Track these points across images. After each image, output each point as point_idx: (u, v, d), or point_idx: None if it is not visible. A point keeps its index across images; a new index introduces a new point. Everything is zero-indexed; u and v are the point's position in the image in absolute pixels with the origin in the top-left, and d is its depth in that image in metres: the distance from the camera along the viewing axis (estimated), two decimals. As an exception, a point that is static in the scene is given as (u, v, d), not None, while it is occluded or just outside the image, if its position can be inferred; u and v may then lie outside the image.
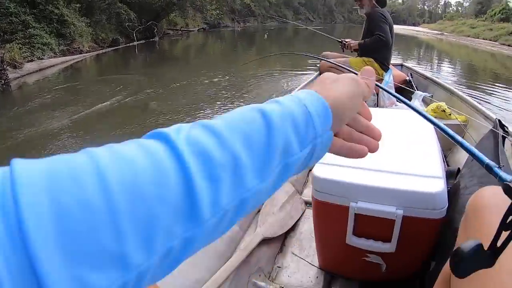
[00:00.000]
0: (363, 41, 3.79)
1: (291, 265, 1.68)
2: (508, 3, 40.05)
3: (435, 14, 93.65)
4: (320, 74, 3.54)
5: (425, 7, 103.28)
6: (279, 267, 1.69)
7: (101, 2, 17.20)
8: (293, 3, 55.88)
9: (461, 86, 8.75)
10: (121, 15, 18.47)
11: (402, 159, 1.29)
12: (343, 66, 1.13)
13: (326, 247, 1.46)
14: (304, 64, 10.33)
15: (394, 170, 1.21)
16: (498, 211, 0.60)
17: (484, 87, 9.16)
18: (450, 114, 2.78)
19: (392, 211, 1.13)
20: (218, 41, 24.01)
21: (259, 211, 1.83)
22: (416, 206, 1.13)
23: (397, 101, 2.39)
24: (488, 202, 0.73)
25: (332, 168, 1.26)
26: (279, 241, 1.81)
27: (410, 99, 3.19)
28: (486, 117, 2.45)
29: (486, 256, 0.40)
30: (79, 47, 14.08)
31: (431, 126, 1.31)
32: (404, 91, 3.50)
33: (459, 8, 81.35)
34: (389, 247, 1.20)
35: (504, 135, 1.65)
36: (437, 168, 1.22)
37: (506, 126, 1.77)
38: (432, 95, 3.55)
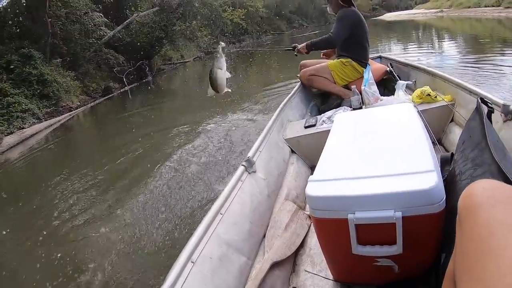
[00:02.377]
0: (310, 41, 3.85)
1: (306, 283, 1.66)
2: None
3: None
4: (302, 84, 3.91)
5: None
6: (295, 287, 1.67)
7: (85, 51, 16.16)
8: (284, 13, 55.06)
9: (468, 64, 8.44)
10: (109, 61, 17.39)
11: (392, 160, 1.29)
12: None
13: (335, 260, 1.43)
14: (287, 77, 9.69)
15: (386, 173, 1.21)
16: (490, 209, 0.64)
17: (493, 59, 8.59)
18: (436, 97, 2.77)
19: (390, 215, 1.12)
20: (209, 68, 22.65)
21: (264, 236, 1.80)
22: (413, 205, 1.12)
23: (381, 95, 3.00)
24: (478, 200, 0.68)
25: (324, 184, 1.28)
26: (290, 262, 1.76)
27: (394, 90, 3.24)
28: (471, 92, 2.41)
29: None
30: (67, 104, 12.94)
31: (417, 116, 1.65)
32: (387, 82, 3.79)
33: None
34: (395, 250, 1.17)
35: (490, 110, 1.56)
36: (428, 161, 1.21)
37: (489, 102, 1.62)
38: (415, 81, 3.61)
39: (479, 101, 1.61)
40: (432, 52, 11.74)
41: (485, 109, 1.56)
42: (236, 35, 39.67)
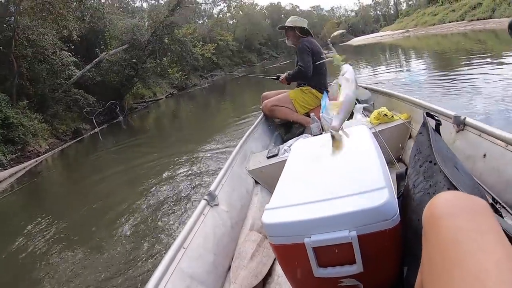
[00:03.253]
0: (287, 73, 3.96)
1: None
2: None
3: (389, 16, 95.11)
4: (264, 115, 3.96)
5: (378, 12, 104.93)
6: None
7: (54, 92, 15.59)
8: (254, 45, 55.82)
9: (436, 79, 8.85)
10: (79, 101, 16.84)
11: (345, 181, 1.31)
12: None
13: (300, 285, 1.38)
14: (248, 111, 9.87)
15: (339, 194, 1.22)
16: (453, 218, 0.66)
17: (459, 71, 8.99)
18: (392, 116, 2.81)
19: (346, 235, 1.12)
20: (186, 105, 22.50)
21: (229, 268, 1.80)
22: (367, 222, 1.12)
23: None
24: (442, 211, 0.70)
25: (280, 211, 1.28)
26: None
27: (352, 114, 3.25)
28: (423, 108, 2.50)
29: None
30: (34, 149, 12.33)
31: (370, 136, 1.68)
32: None
33: (410, 3, 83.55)
34: (356, 268, 1.17)
35: (437, 122, 1.65)
36: (379, 179, 1.24)
37: (435, 115, 1.71)
38: (373, 103, 3.71)
39: (425, 115, 1.66)
40: (400, 71, 12.14)
41: (433, 122, 1.63)
42: (207, 69, 39.74)
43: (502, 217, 1.21)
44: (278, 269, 1.88)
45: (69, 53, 16.65)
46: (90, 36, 21.64)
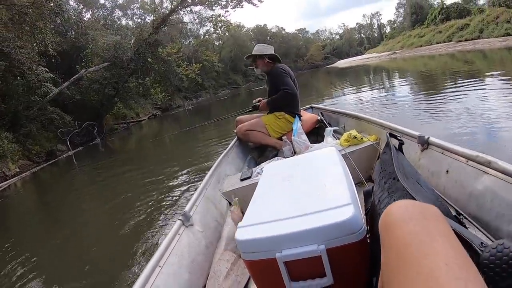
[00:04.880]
0: (270, 98, 3.97)
1: None
2: (445, 2, 41.41)
3: (373, 39, 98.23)
4: (238, 139, 4.09)
5: (362, 35, 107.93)
6: None
7: (29, 110, 14.61)
8: (239, 67, 55.63)
9: (420, 101, 9.10)
10: (55, 121, 15.84)
11: (314, 199, 1.37)
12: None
13: None
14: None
15: (308, 211, 1.28)
16: (405, 224, 0.71)
17: (446, 92, 9.29)
18: (362, 138, 2.94)
19: (315, 248, 1.18)
20: (168, 127, 21.69)
21: (204, 287, 1.85)
22: (335, 236, 1.18)
23: (311, 143, 3.37)
24: (394, 218, 0.75)
25: (252, 228, 1.32)
26: None
27: (323, 137, 3.42)
28: (391, 129, 2.62)
29: None
30: (2, 172, 11.33)
31: (338, 157, 1.79)
32: (318, 130, 4.18)
33: (394, 26, 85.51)
34: (327, 281, 1.23)
35: (400, 142, 1.80)
36: (345, 196, 1.30)
37: (398, 135, 1.87)
38: (344, 126, 3.89)
39: (388, 135, 1.83)
40: (385, 95, 12.19)
41: (396, 142, 1.81)
42: (192, 90, 39.14)
43: (466, 227, 1.25)
44: (253, 287, 1.90)
45: (46, 69, 15.67)
46: (72, 52, 20.87)
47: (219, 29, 58.24)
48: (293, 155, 3.22)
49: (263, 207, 1.50)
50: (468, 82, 10.10)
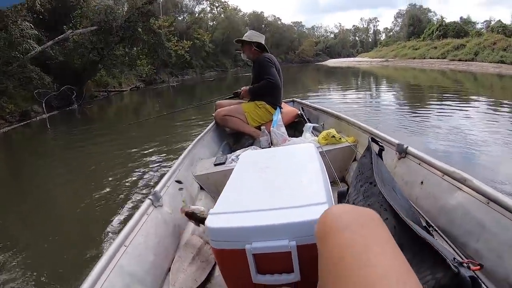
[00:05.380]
0: (252, 86, 3.98)
1: None
2: (444, 19, 41.75)
3: (366, 43, 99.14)
4: (216, 123, 4.07)
5: (356, 38, 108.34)
6: None
7: (7, 65, 13.96)
8: (230, 50, 54.98)
9: (404, 112, 9.17)
10: (33, 80, 15.16)
11: (289, 194, 1.38)
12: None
13: None
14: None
15: (282, 206, 1.28)
16: (339, 234, 0.67)
17: (430, 107, 9.59)
18: (340, 138, 2.96)
19: (285, 244, 1.18)
20: (149, 102, 21.21)
21: (169, 270, 1.79)
22: (307, 234, 1.16)
23: (289, 136, 3.37)
24: (329, 226, 0.72)
25: (224, 216, 1.31)
26: None
27: (302, 132, 3.47)
28: (369, 133, 2.68)
29: None
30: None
31: (317, 155, 1.78)
32: (297, 125, 4.20)
33: (389, 34, 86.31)
34: (294, 277, 1.22)
35: (381, 148, 1.82)
36: (321, 194, 1.31)
37: (379, 141, 1.94)
38: (323, 124, 3.87)
39: (370, 140, 1.85)
40: (370, 100, 12.47)
41: (376, 147, 1.82)
42: (178, 67, 38.49)
43: (434, 238, 1.31)
44: (218, 274, 1.89)
45: (31, 25, 14.90)
46: (61, 11, 20.02)
47: (215, 9, 57.84)
48: (270, 147, 3.25)
49: (236, 195, 1.49)
50: (454, 101, 10.35)
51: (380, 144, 1.83)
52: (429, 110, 8.97)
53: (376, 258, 0.59)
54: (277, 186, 1.49)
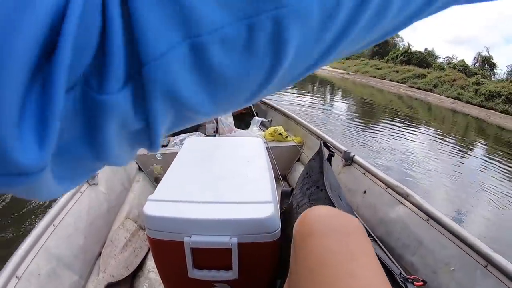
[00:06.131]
0: None
1: None
2: (411, 47, 42.98)
3: None
4: None
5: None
6: None
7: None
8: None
9: (353, 124, 9.28)
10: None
11: (234, 189, 1.31)
12: None
13: (172, 283, 1.38)
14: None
15: (226, 200, 1.22)
16: (323, 238, 0.64)
17: (380, 125, 9.76)
18: (287, 137, 2.95)
19: (226, 241, 1.14)
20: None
21: (100, 254, 1.71)
22: (249, 232, 1.14)
23: (235, 127, 3.25)
24: (312, 228, 0.68)
25: (164, 204, 1.22)
26: (127, 283, 1.73)
27: (249, 125, 3.39)
28: (318, 137, 2.69)
29: None
30: None
31: (264, 151, 1.71)
32: (244, 116, 3.90)
33: None
34: (231, 275, 1.21)
35: (331, 153, 1.78)
36: (267, 193, 1.26)
37: (330, 147, 1.86)
38: (271, 120, 3.80)
39: (322, 145, 1.76)
40: (322, 105, 12.67)
41: (326, 152, 1.75)
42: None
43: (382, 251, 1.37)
44: (150, 263, 1.85)
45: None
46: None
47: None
48: (215, 135, 3.22)
49: (178, 183, 1.39)
50: (404, 124, 10.72)
51: (331, 150, 1.81)
52: (378, 128, 9.16)
53: (360, 270, 0.57)
54: (222, 177, 1.41)
